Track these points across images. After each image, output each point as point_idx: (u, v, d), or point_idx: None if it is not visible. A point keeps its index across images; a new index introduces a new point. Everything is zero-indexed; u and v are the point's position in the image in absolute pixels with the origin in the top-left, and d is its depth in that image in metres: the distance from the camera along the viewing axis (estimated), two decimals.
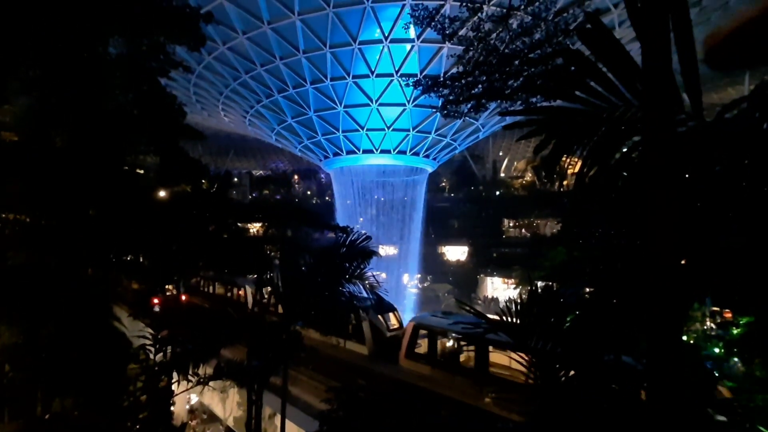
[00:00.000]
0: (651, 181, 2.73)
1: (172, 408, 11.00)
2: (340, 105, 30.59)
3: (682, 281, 3.01)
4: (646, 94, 2.80)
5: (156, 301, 14.04)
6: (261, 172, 79.05)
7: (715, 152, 2.99)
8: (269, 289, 11.00)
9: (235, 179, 69.35)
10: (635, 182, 3.30)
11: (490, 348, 12.67)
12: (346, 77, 28.04)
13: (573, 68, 3.14)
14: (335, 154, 36.58)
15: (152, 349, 9.25)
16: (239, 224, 15.56)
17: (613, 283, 4.23)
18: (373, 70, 27.41)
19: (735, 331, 20.56)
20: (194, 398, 21.58)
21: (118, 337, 8.96)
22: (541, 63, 9.53)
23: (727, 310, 21.03)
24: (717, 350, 20.78)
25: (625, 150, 3.26)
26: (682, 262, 3.09)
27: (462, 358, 14.47)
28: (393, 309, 18.69)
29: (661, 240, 2.88)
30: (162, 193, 13.76)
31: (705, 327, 23.37)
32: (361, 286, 9.06)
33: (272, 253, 13.90)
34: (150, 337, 9.26)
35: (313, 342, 17.55)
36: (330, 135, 34.24)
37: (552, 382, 4.28)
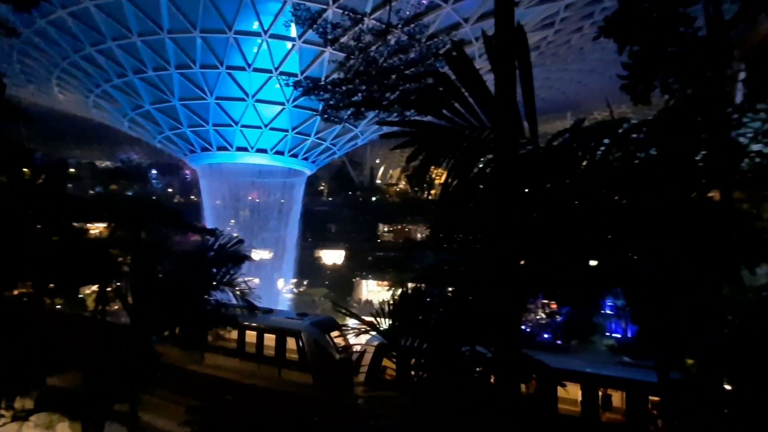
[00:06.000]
0: (499, 194, 3.17)
1: None
2: (211, 96, 28.12)
3: (521, 279, 3.56)
4: (497, 118, 3.26)
5: None
6: (108, 163, 67.76)
7: (545, 172, 3.63)
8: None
9: (72, 170, 58.16)
10: (488, 194, 3.79)
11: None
12: (219, 66, 25.96)
13: (441, 89, 3.46)
14: (204, 150, 33.41)
15: None
16: (76, 224, 13.03)
17: (470, 282, 4.78)
18: (249, 63, 25.96)
19: (558, 319, 25.36)
20: None
21: None
22: (415, 80, 10.30)
23: (553, 302, 25.69)
24: (546, 335, 25.19)
25: (481, 165, 3.72)
26: (522, 263, 3.66)
27: None
28: (337, 326, 16.37)
29: (505, 244, 3.36)
30: None
31: (538, 317, 28.14)
32: (231, 293, 8.45)
33: (121, 259, 11.95)
34: None
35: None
36: (198, 127, 31.17)
37: (420, 376, 4.61)
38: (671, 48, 4.95)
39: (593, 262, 3.49)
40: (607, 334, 25.76)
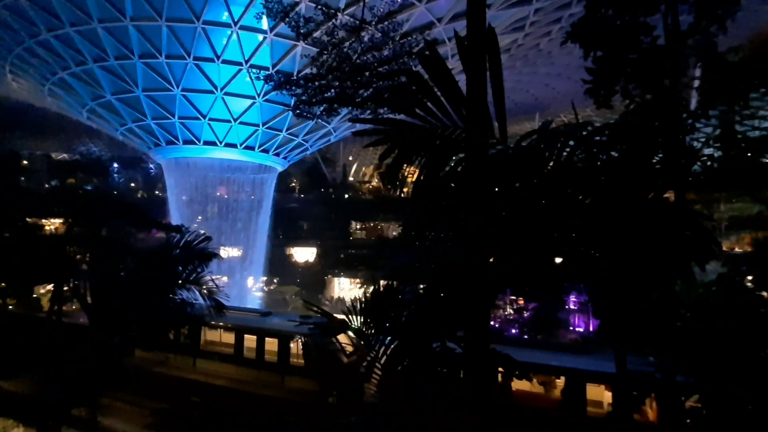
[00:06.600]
0: (470, 193, 3.23)
1: None
2: (177, 87, 27.10)
3: (490, 275, 3.64)
4: (468, 118, 3.31)
5: None
6: (65, 155, 64.16)
7: (514, 172, 3.72)
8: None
9: (26, 162, 54.84)
10: (459, 192, 3.85)
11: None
12: (186, 57, 25.04)
13: (414, 88, 3.48)
14: (169, 143, 32.19)
15: None
16: (30, 219, 12.30)
17: (441, 279, 4.84)
18: (219, 54, 25.19)
19: (525, 315, 26.13)
20: None
21: None
22: (388, 78, 10.31)
23: (520, 299, 26.44)
24: (514, 330, 25.89)
25: (452, 164, 3.78)
26: (491, 260, 3.74)
27: None
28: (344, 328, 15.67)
29: (476, 242, 3.43)
30: None
31: (506, 313, 28.88)
32: (198, 292, 8.21)
33: (79, 257, 11.34)
34: None
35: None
36: (163, 120, 29.99)
37: (391, 373, 4.64)
38: (632, 55, 5.19)
39: (558, 260, 3.62)
40: (571, 328, 26.80)
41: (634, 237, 2.95)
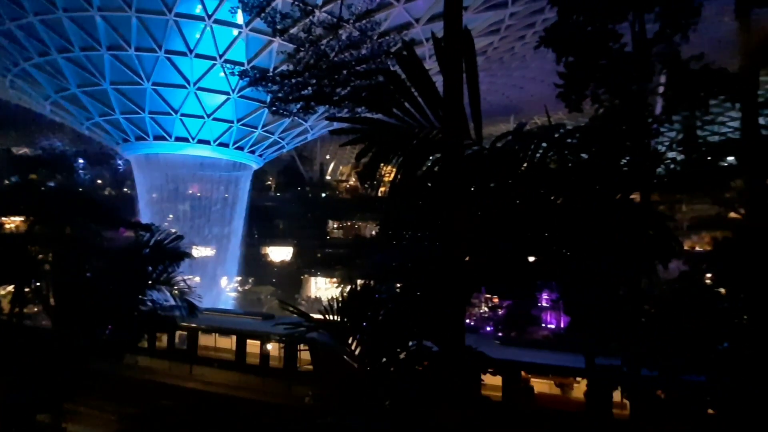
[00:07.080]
0: (446, 192, 3.27)
1: None
2: (148, 81, 26.17)
3: (466, 274, 3.70)
4: (445, 119, 3.35)
5: None
6: (26, 150, 61.04)
7: (489, 172, 3.80)
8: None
9: None
10: (436, 192, 3.90)
11: None
12: (157, 50, 24.22)
13: (391, 87, 3.50)
14: (139, 138, 31.05)
15: None
16: None
17: (418, 278, 4.88)
18: (192, 48, 24.48)
19: (500, 312, 26.68)
20: None
21: None
22: (365, 77, 10.30)
23: (495, 297, 26.95)
24: (489, 328, 26.38)
25: (429, 164, 3.82)
26: (467, 259, 3.81)
27: None
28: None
29: (452, 241, 3.48)
30: None
31: (482, 311, 29.40)
32: (168, 293, 7.98)
33: (41, 256, 10.81)
34: None
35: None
36: (132, 114, 28.91)
37: (366, 370, 4.65)
38: (601, 61, 5.38)
39: (531, 258, 3.71)
40: (543, 325, 27.50)
41: (603, 236, 3.06)
